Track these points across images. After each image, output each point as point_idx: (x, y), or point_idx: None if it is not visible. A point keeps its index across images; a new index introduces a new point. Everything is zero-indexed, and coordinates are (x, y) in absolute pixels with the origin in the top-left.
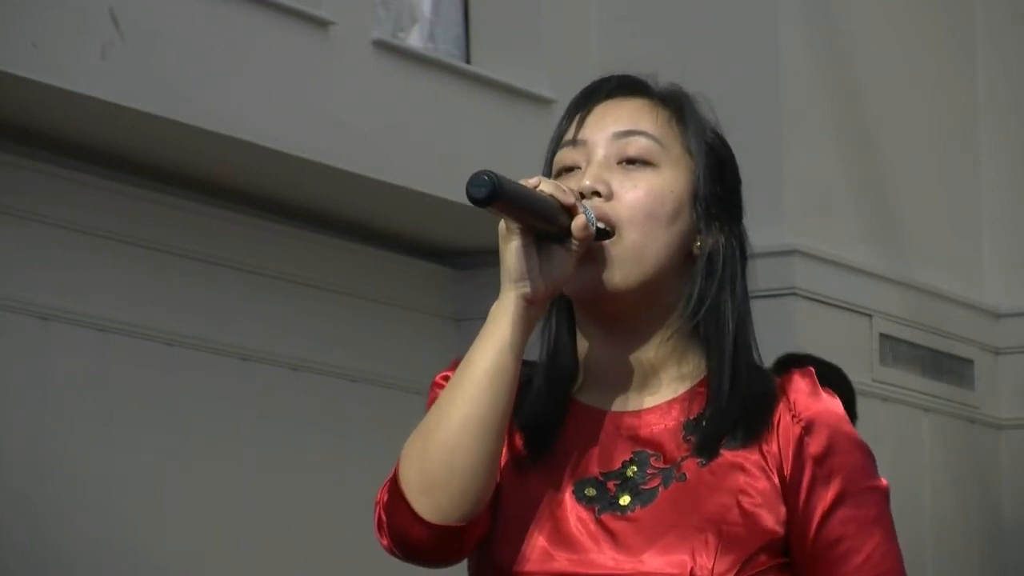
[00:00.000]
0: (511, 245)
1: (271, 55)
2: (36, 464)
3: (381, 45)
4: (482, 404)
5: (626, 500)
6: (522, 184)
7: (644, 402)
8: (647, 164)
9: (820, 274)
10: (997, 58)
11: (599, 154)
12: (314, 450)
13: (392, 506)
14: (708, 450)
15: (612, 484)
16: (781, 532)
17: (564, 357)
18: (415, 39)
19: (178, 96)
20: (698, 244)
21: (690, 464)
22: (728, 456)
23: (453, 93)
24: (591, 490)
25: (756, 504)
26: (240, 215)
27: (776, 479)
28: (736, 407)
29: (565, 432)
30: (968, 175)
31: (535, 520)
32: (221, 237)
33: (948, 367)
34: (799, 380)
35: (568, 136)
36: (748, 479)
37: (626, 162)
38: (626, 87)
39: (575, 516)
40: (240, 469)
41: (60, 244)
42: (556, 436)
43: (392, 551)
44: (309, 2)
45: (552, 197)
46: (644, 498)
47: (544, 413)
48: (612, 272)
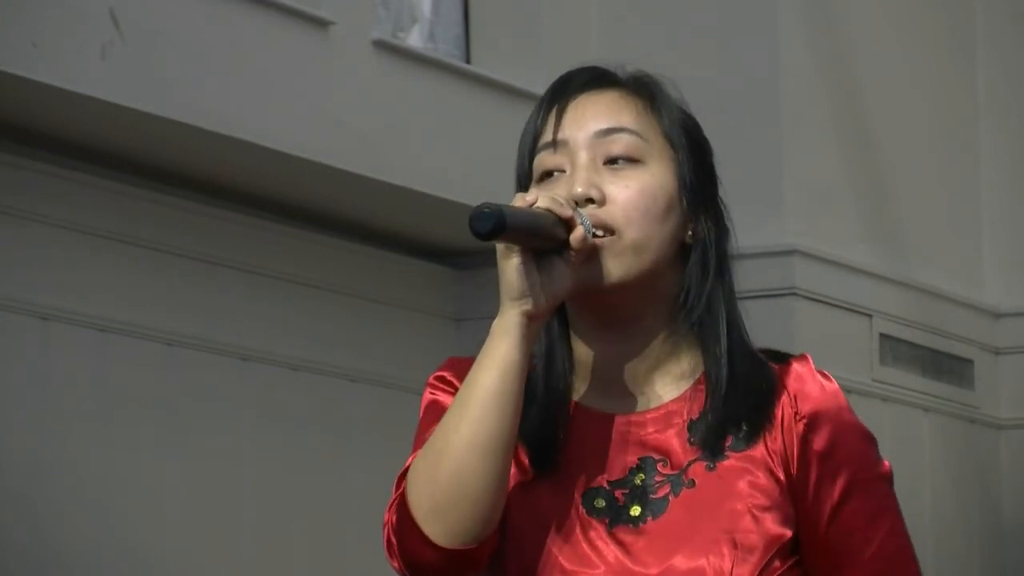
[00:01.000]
0: (511, 262)
1: (271, 55)
2: (36, 464)
3: (381, 45)
4: (489, 426)
5: (637, 511)
6: (520, 207)
7: (646, 403)
8: (633, 161)
9: (820, 274)
10: (997, 58)
11: (583, 156)
12: (314, 450)
13: (402, 529)
14: (713, 451)
15: (620, 494)
16: (791, 533)
17: (561, 364)
18: (415, 39)
19: (178, 96)
20: (690, 233)
21: (697, 468)
22: (734, 458)
23: (453, 93)
24: (600, 501)
25: (766, 507)
26: (240, 215)
27: (782, 475)
28: (737, 403)
29: (569, 439)
30: (968, 175)
31: (547, 535)
32: (221, 237)
33: (948, 367)
34: (798, 369)
35: (547, 137)
36: (756, 480)
37: (611, 161)
38: (598, 80)
39: (587, 530)
40: (240, 469)
41: (60, 244)
42: (560, 446)
43: (403, 573)
44: (309, 2)
45: (549, 211)
46: (655, 508)
47: (546, 425)
48: (612, 267)
